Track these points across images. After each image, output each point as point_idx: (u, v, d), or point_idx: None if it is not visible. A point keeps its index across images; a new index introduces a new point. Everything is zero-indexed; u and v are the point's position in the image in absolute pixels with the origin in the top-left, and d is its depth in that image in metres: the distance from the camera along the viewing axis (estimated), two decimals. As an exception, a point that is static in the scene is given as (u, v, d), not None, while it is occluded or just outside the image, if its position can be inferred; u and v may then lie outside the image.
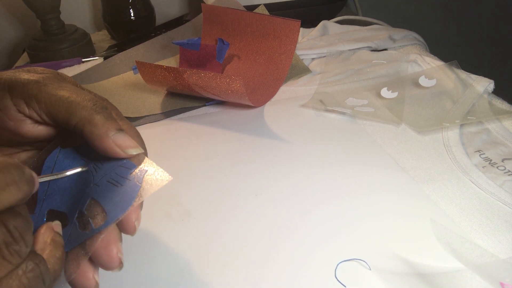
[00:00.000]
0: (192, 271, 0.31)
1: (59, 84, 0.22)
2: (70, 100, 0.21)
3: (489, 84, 0.48)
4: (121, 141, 0.21)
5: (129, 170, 0.22)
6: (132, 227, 0.22)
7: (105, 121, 0.21)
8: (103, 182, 0.22)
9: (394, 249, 0.31)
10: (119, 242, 0.21)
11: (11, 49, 0.88)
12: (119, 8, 0.73)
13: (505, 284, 0.23)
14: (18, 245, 0.16)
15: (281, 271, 0.30)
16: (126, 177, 0.21)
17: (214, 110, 0.52)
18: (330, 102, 0.50)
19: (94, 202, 0.21)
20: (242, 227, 0.34)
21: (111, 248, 0.21)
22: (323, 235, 0.33)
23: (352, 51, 0.61)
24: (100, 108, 0.22)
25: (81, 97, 0.21)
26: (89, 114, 0.21)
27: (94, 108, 0.21)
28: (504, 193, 0.35)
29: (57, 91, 0.21)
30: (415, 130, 0.45)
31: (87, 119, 0.21)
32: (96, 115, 0.21)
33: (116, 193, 0.21)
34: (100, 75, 0.60)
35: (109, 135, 0.21)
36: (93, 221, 0.21)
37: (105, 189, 0.21)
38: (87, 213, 0.21)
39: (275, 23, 0.53)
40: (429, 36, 0.69)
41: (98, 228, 0.20)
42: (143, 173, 0.22)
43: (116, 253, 0.21)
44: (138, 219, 0.22)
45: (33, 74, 0.22)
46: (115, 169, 0.22)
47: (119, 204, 0.21)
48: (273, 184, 0.38)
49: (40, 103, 0.21)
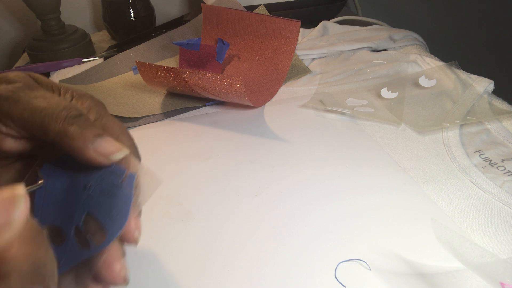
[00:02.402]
0: (192, 271, 0.31)
1: (31, 93, 0.20)
2: (43, 114, 0.19)
3: (489, 84, 0.48)
4: (102, 149, 0.20)
5: (120, 177, 0.20)
6: (133, 239, 0.21)
7: (81, 131, 0.19)
8: (96, 193, 0.20)
9: (394, 249, 0.31)
10: (122, 258, 0.20)
11: (11, 49, 0.88)
12: (119, 8, 0.73)
13: (505, 284, 0.23)
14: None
15: (281, 271, 0.30)
16: (117, 185, 0.20)
17: (214, 110, 0.52)
18: (330, 102, 0.50)
19: (90, 218, 0.20)
20: (242, 227, 0.34)
21: (114, 266, 0.20)
22: (323, 235, 0.33)
23: (352, 52, 0.61)
24: (73, 118, 0.20)
25: (54, 107, 0.20)
26: (62, 128, 0.19)
27: (68, 119, 0.19)
28: (504, 193, 0.35)
29: (29, 104, 0.20)
30: (415, 130, 0.45)
31: (62, 133, 0.19)
32: (69, 127, 0.19)
33: (111, 206, 0.20)
34: (100, 76, 0.60)
35: (88, 146, 0.19)
36: (94, 239, 0.20)
37: (99, 202, 0.20)
38: (85, 229, 0.20)
39: (275, 23, 0.53)
40: (429, 36, 0.69)
41: (100, 246, 0.19)
42: (133, 179, 0.20)
43: (120, 270, 0.20)
44: (139, 229, 0.21)
45: (2, 86, 0.20)
46: (106, 178, 0.21)
47: (117, 219, 0.20)
48: (273, 184, 0.38)
49: (13, 120, 0.20)
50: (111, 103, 0.53)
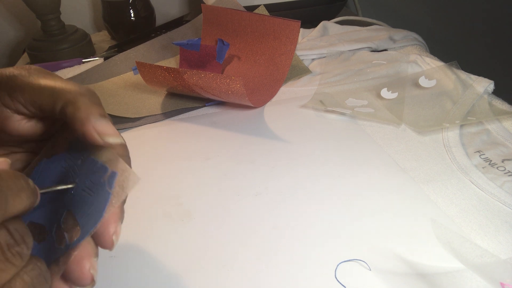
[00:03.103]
0: (192, 271, 0.31)
1: (44, 75, 0.21)
2: (54, 86, 0.20)
3: (489, 84, 0.48)
4: (101, 128, 0.20)
5: (102, 175, 0.20)
6: (109, 242, 0.20)
7: (89, 105, 0.20)
8: (78, 191, 0.20)
9: (394, 249, 0.31)
10: (93, 258, 0.20)
11: (11, 49, 0.88)
12: (119, 9, 0.73)
13: (505, 284, 0.23)
14: (19, 247, 0.16)
15: (281, 271, 0.30)
16: (98, 184, 0.20)
17: (214, 111, 0.52)
18: (330, 102, 0.50)
19: (69, 214, 0.20)
20: (242, 227, 0.34)
21: (83, 263, 0.19)
22: (323, 235, 0.33)
23: (352, 52, 0.61)
24: (86, 91, 0.21)
25: (66, 83, 0.21)
26: (73, 96, 0.20)
27: (79, 91, 0.20)
28: (504, 193, 0.35)
29: (41, 80, 0.21)
30: (415, 130, 0.45)
31: (71, 101, 0.20)
32: (80, 97, 0.20)
33: (89, 203, 0.20)
34: (100, 76, 0.60)
35: (91, 120, 0.20)
36: (68, 236, 0.20)
37: (79, 199, 0.20)
38: (63, 226, 0.20)
39: (275, 24, 0.53)
40: (429, 36, 0.69)
41: (72, 244, 0.19)
42: (114, 177, 0.20)
43: (89, 269, 0.19)
44: (117, 233, 0.20)
45: (17, 68, 0.22)
46: (90, 176, 0.21)
47: (92, 216, 0.19)
48: (273, 184, 0.38)
49: (24, 93, 0.21)
50: (111, 103, 0.53)
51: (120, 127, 0.49)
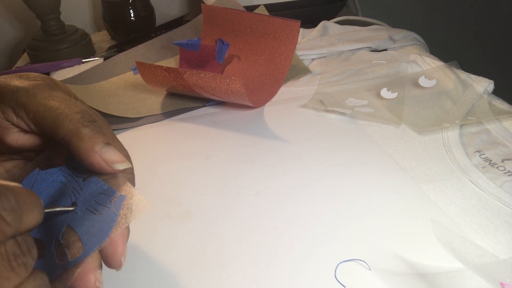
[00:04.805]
0: (192, 271, 0.31)
1: (50, 93, 0.21)
2: (58, 111, 0.20)
3: (489, 84, 0.48)
4: (108, 156, 0.20)
5: (109, 197, 0.21)
6: (118, 262, 0.20)
7: (92, 135, 0.20)
8: (82, 209, 0.20)
9: (394, 249, 0.31)
10: (97, 270, 0.20)
11: (11, 49, 0.88)
12: (119, 9, 0.74)
13: (505, 284, 0.23)
14: (25, 257, 0.16)
15: (281, 271, 0.30)
16: (105, 205, 0.20)
17: (214, 111, 0.52)
18: (330, 102, 0.50)
19: (70, 231, 0.20)
20: (242, 227, 0.34)
21: (88, 277, 0.19)
22: (323, 235, 0.33)
23: (352, 52, 0.61)
24: (88, 121, 0.21)
25: (70, 108, 0.21)
26: (76, 127, 0.20)
27: (82, 121, 0.20)
28: (504, 193, 0.35)
29: (46, 100, 0.21)
30: (415, 130, 0.45)
31: (73, 132, 0.20)
32: (83, 128, 0.20)
33: (94, 222, 0.20)
34: (100, 76, 0.60)
35: (96, 150, 0.20)
36: (69, 252, 0.20)
37: (82, 217, 0.20)
38: (63, 242, 0.20)
39: (275, 24, 0.53)
40: (429, 36, 0.69)
41: (74, 261, 0.19)
42: (122, 200, 0.21)
43: (94, 283, 0.20)
44: (124, 255, 0.21)
45: (24, 81, 0.21)
46: (95, 197, 0.21)
47: (96, 234, 0.20)
48: (273, 184, 0.38)
49: (28, 112, 0.21)
50: (111, 103, 0.53)
51: (120, 127, 0.49)
